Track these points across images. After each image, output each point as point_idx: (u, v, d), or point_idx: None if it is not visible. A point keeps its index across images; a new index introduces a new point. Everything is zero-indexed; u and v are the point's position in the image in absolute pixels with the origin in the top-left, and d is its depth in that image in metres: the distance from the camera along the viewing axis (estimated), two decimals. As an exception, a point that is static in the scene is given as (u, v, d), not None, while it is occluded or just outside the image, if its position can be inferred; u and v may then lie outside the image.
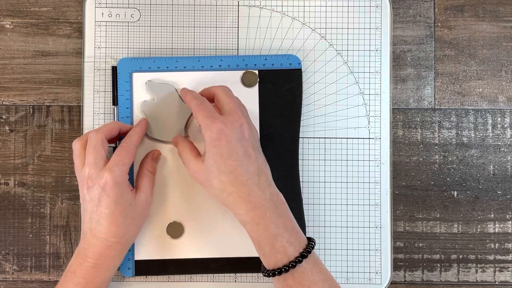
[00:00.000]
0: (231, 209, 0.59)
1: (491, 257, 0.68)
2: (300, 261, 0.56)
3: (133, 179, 0.65)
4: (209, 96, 0.63)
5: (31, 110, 0.68)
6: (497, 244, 0.68)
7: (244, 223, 0.59)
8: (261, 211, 0.57)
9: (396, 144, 0.68)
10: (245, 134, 0.59)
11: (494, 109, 0.69)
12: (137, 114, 0.66)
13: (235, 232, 0.65)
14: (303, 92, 0.67)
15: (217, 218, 0.66)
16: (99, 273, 0.60)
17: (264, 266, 0.58)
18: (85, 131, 0.67)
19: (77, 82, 0.68)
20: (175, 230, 0.66)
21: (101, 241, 0.59)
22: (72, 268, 0.60)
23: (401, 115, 0.69)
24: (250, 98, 0.66)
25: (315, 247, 0.66)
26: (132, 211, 0.61)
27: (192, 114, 0.65)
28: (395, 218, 0.68)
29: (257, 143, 0.61)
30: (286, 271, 0.56)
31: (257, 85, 0.66)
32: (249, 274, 0.67)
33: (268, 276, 0.57)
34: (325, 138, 0.67)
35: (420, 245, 0.68)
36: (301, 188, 0.66)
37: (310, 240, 0.59)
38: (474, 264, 0.68)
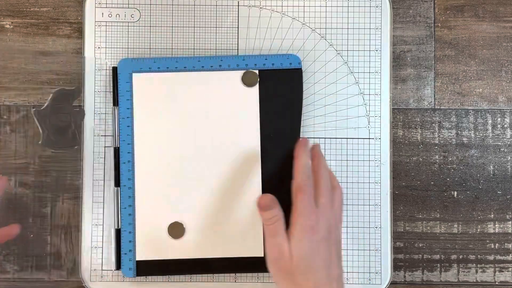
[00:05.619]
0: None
1: (491, 257, 0.68)
2: None
3: (133, 180, 0.65)
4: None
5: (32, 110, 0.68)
6: (497, 244, 0.68)
7: None
8: None
9: (396, 144, 0.68)
10: (332, 235, 0.59)
11: (494, 109, 0.69)
12: (138, 114, 0.66)
13: (236, 232, 0.66)
14: (303, 92, 0.67)
15: (218, 218, 0.66)
16: None
17: None
18: (86, 131, 0.67)
19: (77, 82, 0.68)
20: (176, 230, 0.66)
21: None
22: None
23: (401, 115, 0.69)
24: (250, 98, 0.66)
25: None
26: None
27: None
28: (395, 218, 0.68)
29: (339, 247, 0.60)
30: None
31: (257, 85, 0.66)
32: (249, 274, 0.67)
33: None
34: (325, 138, 0.67)
35: (420, 245, 0.68)
36: (301, 188, 0.66)
37: None
38: (474, 264, 0.68)
